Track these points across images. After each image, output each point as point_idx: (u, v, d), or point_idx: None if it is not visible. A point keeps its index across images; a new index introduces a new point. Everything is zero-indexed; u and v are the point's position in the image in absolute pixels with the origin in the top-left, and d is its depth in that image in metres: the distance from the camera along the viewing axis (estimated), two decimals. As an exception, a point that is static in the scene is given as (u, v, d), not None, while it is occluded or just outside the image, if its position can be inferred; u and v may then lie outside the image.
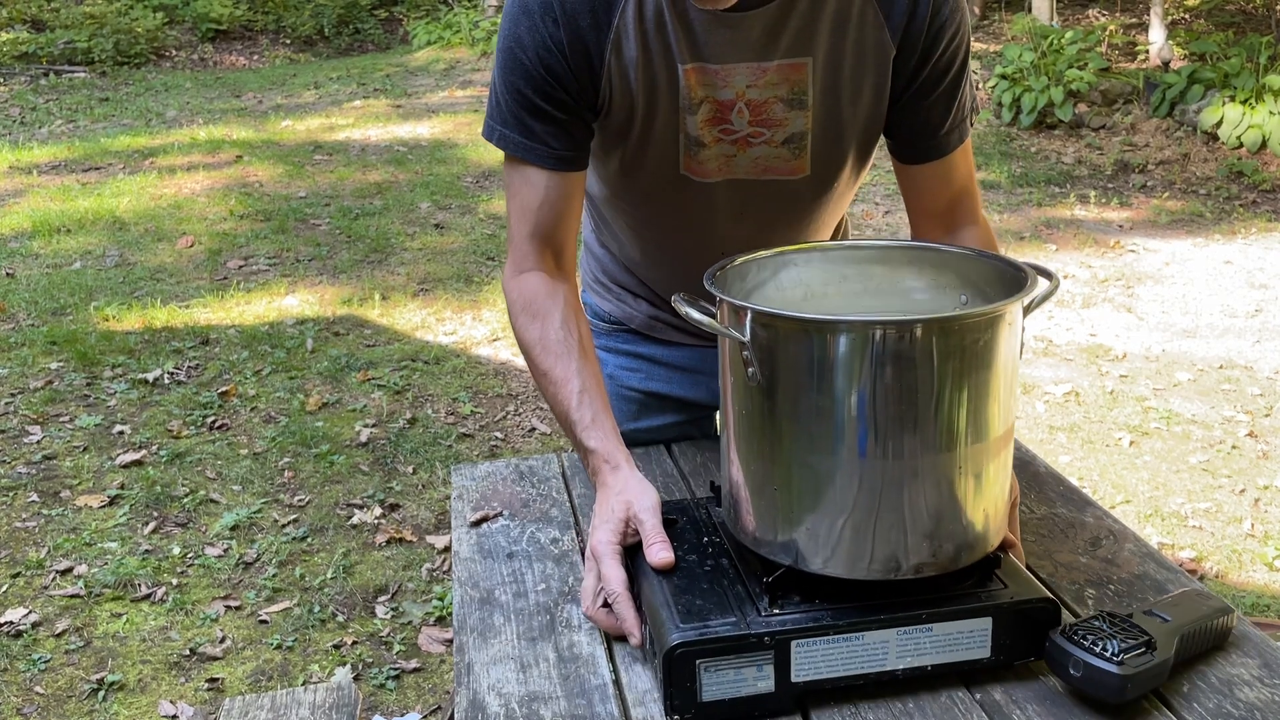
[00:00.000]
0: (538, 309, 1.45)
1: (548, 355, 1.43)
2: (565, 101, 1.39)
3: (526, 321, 1.46)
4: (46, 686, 2.69)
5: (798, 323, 1.10)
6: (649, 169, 1.47)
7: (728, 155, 1.45)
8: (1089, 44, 9.13)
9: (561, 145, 1.42)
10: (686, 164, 1.46)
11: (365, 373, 4.49)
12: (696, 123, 1.42)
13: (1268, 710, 1.09)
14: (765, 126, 1.44)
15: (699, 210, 1.52)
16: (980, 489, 1.13)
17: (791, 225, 1.56)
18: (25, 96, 11.06)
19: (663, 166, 1.46)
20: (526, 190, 1.45)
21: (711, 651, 1.08)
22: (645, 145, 1.45)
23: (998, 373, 1.11)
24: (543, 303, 1.45)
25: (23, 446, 3.89)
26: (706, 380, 1.78)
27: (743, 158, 1.46)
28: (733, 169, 1.47)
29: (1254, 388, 4.30)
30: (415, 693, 2.67)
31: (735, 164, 1.46)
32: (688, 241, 1.57)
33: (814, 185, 1.52)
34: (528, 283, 1.47)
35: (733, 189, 1.49)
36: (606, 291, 1.78)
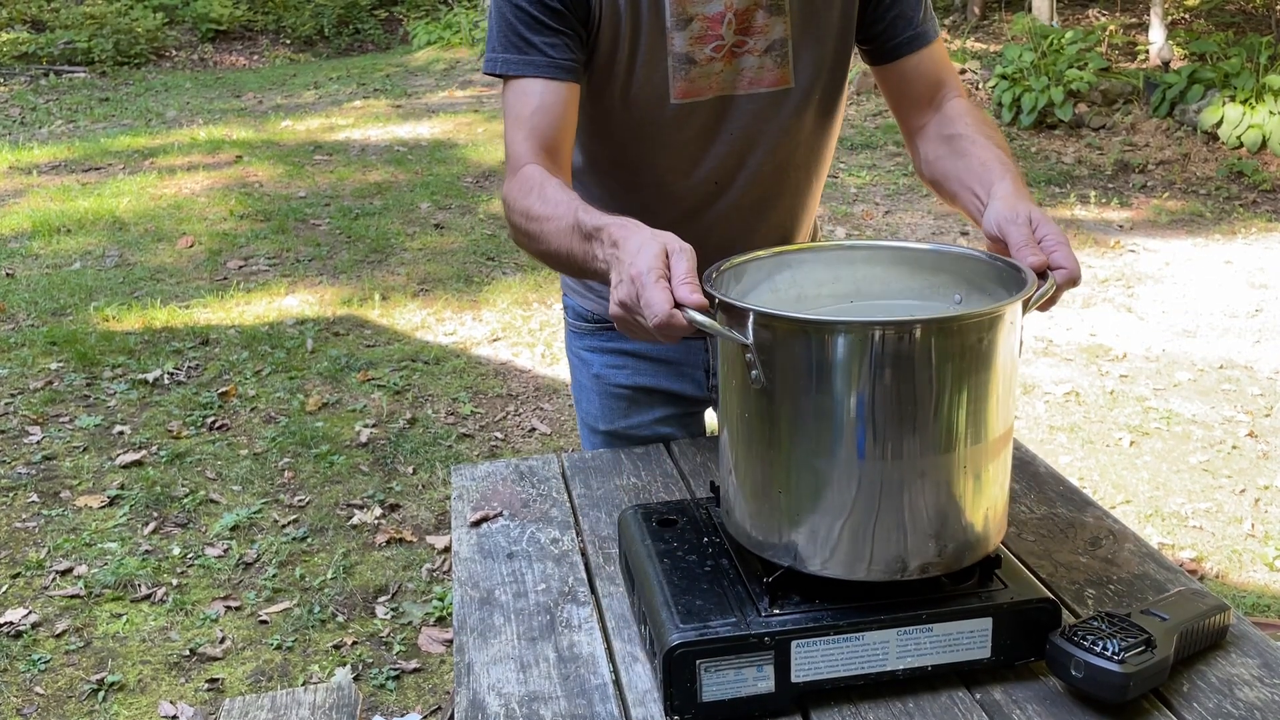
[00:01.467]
0: (533, 183, 1.41)
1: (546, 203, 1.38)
2: (559, 10, 1.43)
3: (522, 196, 1.41)
4: (46, 687, 2.69)
5: (803, 324, 1.10)
6: (640, 94, 1.48)
7: (716, 72, 1.50)
8: (1089, 44, 9.13)
9: (557, 54, 1.44)
10: (676, 85, 1.48)
11: (365, 373, 4.49)
12: (686, 40, 1.46)
13: (1268, 710, 1.09)
14: (748, 35, 1.49)
15: (688, 139, 1.53)
16: (981, 489, 1.13)
17: (780, 144, 1.58)
18: (25, 96, 11.07)
19: (653, 89, 1.48)
20: (523, 101, 1.46)
21: (712, 651, 1.08)
22: (633, 68, 1.47)
23: (999, 372, 1.11)
24: (539, 178, 1.41)
25: (23, 447, 3.89)
26: (691, 372, 1.79)
27: (729, 72, 1.50)
28: (721, 85, 1.50)
29: (1254, 388, 4.30)
30: (415, 693, 2.67)
31: (723, 80, 1.50)
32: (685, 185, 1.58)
33: (797, 97, 1.55)
34: (524, 171, 1.44)
35: (723, 110, 1.52)
36: (589, 290, 1.78)
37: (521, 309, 5.20)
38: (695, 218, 1.62)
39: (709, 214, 1.62)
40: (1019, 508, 1.52)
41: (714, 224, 1.63)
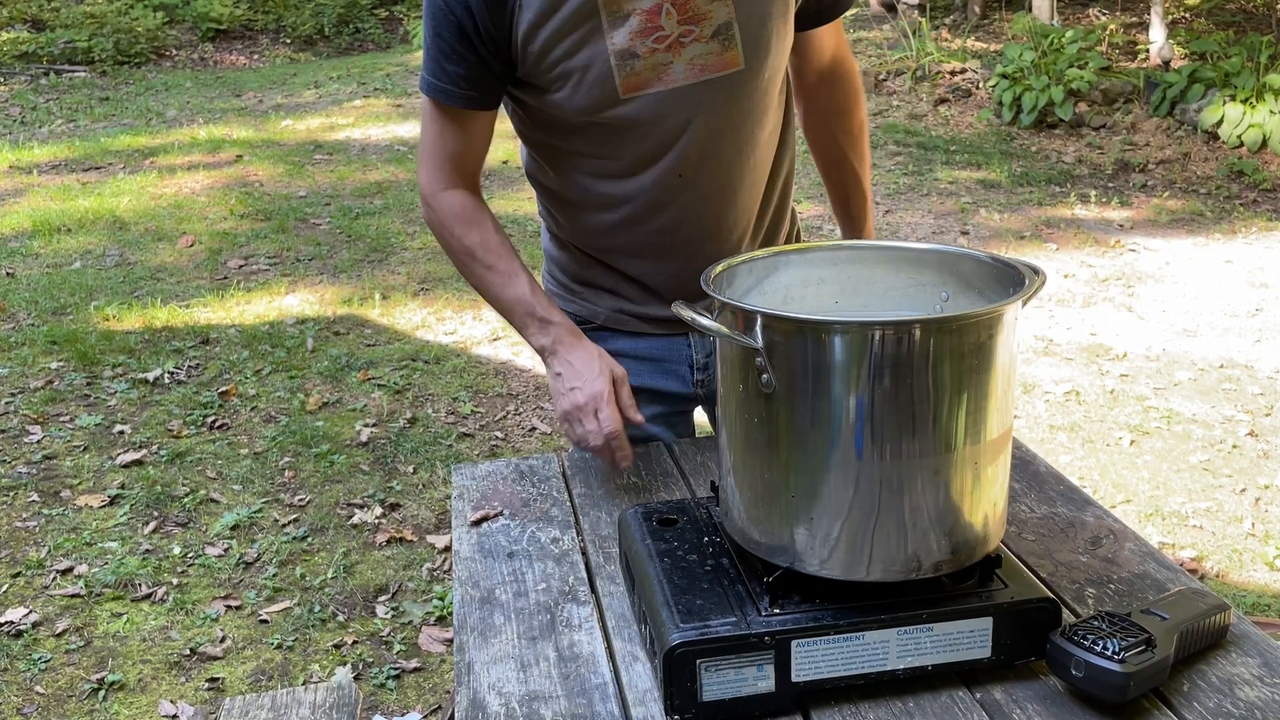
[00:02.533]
0: (471, 218, 1.62)
1: (490, 254, 1.62)
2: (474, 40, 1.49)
3: (463, 229, 1.62)
4: (47, 686, 2.69)
5: (809, 326, 1.10)
6: (589, 93, 1.51)
7: (663, 64, 1.50)
8: (1089, 43, 9.13)
9: (469, 87, 1.54)
10: (624, 82, 1.51)
11: (365, 372, 4.49)
12: (625, 35, 1.48)
13: (1268, 709, 1.09)
14: (693, 23, 1.50)
15: (651, 135, 1.56)
16: (981, 488, 1.13)
17: (738, 128, 1.59)
18: (25, 96, 11.06)
19: (602, 90, 1.51)
20: (442, 123, 1.60)
21: (712, 651, 1.08)
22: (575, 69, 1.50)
23: (999, 372, 1.11)
24: (475, 213, 1.62)
25: (23, 446, 3.89)
26: (676, 368, 1.80)
27: (678, 63, 1.51)
28: (671, 77, 1.51)
29: (1254, 387, 4.30)
30: (415, 692, 2.67)
31: (672, 71, 1.51)
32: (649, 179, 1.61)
33: (749, 77, 1.56)
34: (454, 197, 1.63)
35: (676, 100, 1.53)
36: (569, 294, 1.81)
37: (522, 308, 5.20)
38: (659, 211, 1.64)
39: (672, 207, 1.64)
40: (1019, 507, 1.52)
41: (681, 217, 1.65)
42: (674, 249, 1.67)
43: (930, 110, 9.06)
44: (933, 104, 9.14)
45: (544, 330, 1.60)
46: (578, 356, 1.57)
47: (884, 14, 11.84)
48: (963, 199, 6.94)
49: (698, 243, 1.66)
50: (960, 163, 7.79)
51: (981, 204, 6.85)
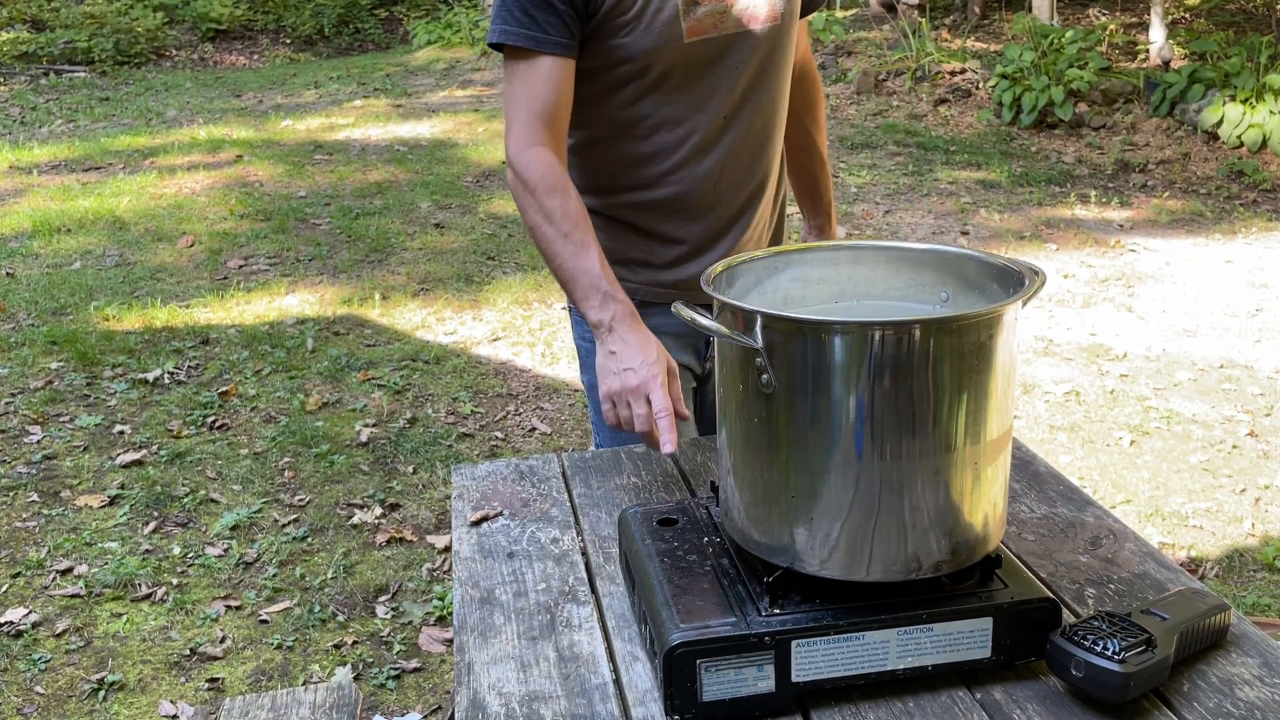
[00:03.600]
0: (555, 182, 1.63)
1: (567, 221, 1.62)
2: None
3: (546, 191, 1.62)
4: (47, 686, 2.69)
5: (809, 326, 1.10)
6: (659, 38, 1.64)
7: (720, 12, 1.67)
8: (1089, 43, 9.13)
9: (556, 32, 1.61)
10: (688, 26, 1.65)
11: (365, 372, 4.49)
12: None
13: (1268, 709, 1.09)
14: None
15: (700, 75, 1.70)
16: (981, 488, 1.13)
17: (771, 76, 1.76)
18: (25, 96, 11.06)
19: (671, 32, 1.64)
20: (532, 75, 1.63)
21: (712, 651, 1.08)
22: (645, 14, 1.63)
23: (999, 372, 1.11)
24: (560, 178, 1.63)
25: (23, 446, 3.89)
26: (694, 343, 1.88)
27: (731, 13, 1.68)
28: (725, 24, 1.68)
29: (1254, 387, 4.30)
30: (415, 693, 2.67)
31: (727, 20, 1.68)
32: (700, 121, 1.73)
33: (783, 30, 1.74)
34: (543, 157, 1.64)
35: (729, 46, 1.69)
36: None
37: (522, 308, 5.20)
38: (706, 153, 1.75)
39: (718, 148, 1.75)
40: (1019, 507, 1.52)
41: (724, 160, 1.77)
42: (716, 196, 1.78)
43: (930, 110, 9.06)
44: (933, 104, 9.14)
45: (605, 305, 1.59)
46: (636, 339, 1.57)
47: (884, 14, 11.84)
48: (963, 199, 6.94)
49: (736, 188, 1.80)
50: (960, 163, 7.79)
51: (981, 204, 6.85)
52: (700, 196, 1.77)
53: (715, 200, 1.78)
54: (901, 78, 9.55)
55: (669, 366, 1.55)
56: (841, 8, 12.62)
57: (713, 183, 1.76)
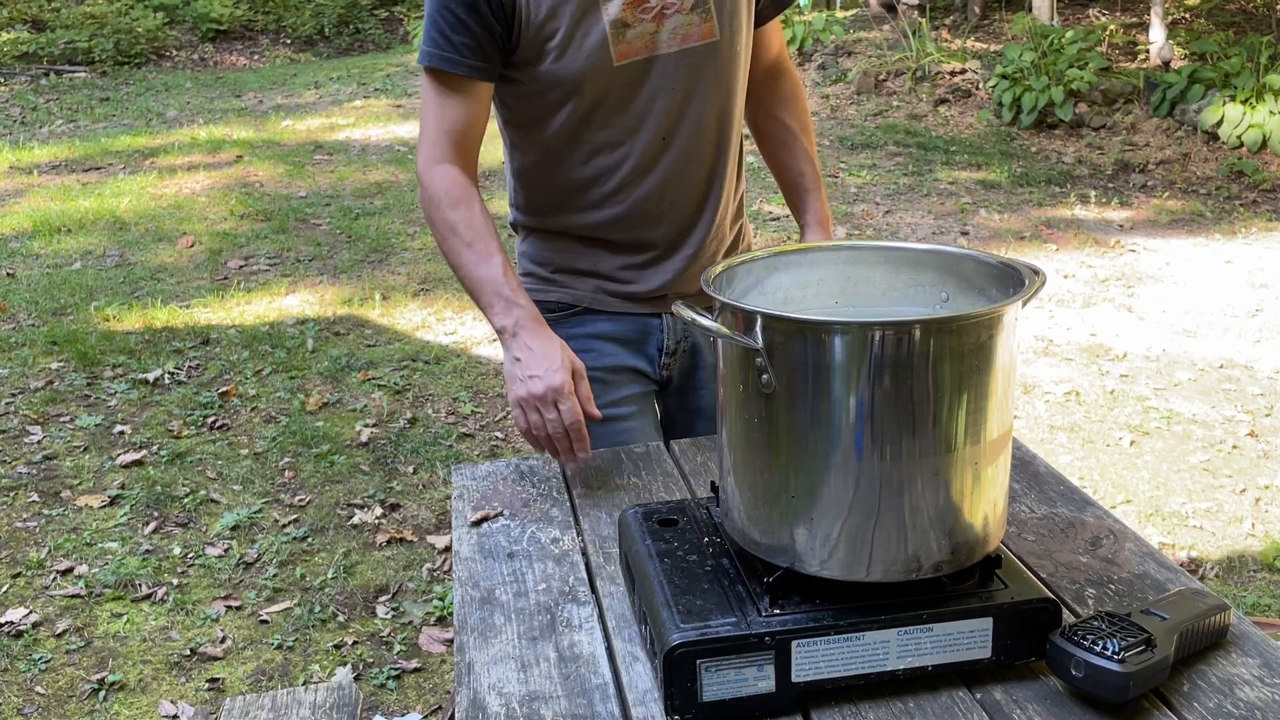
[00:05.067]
0: (460, 196, 1.68)
1: (470, 232, 1.66)
2: (481, 12, 1.59)
3: (450, 205, 1.67)
4: (47, 686, 2.69)
5: (809, 326, 1.10)
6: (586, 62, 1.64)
7: (650, 33, 1.65)
8: (1089, 44, 9.13)
9: (473, 56, 1.62)
10: (617, 50, 1.64)
11: (365, 373, 4.49)
12: (619, 6, 1.62)
13: (1268, 709, 1.10)
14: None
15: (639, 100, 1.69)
16: (981, 488, 1.13)
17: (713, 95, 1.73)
18: (26, 96, 11.06)
19: (599, 57, 1.64)
20: (445, 95, 1.67)
21: (712, 651, 1.09)
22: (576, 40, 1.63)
23: (1004, 371, 1.11)
24: (464, 192, 1.68)
25: (23, 446, 3.89)
26: (647, 349, 1.87)
27: (663, 32, 1.65)
28: (655, 44, 1.66)
29: (1254, 387, 4.30)
30: (416, 693, 2.67)
31: (658, 39, 1.65)
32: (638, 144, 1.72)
33: (723, 48, 1.71)
34: (447, 173, 1.69)
35: (661, 67, 1.67)
36: (549, 284, 1.87)
37: (522, 309, 5.20)
38: (646, 175, 1.74)
39: (657, 170, 1.74)
40: (1019, 508, 1.52)
41: (665, 180, 1.75)
42: (659, 215, 1.78)
43: (930, 110, 9.06)
44: (933, 104, 9.14)
45: (508, 311, 1.63)
46: (539, 344, 1.60)
47: (884, 14, 11.84)
48: (963, 199, 6.94)
49: (680, 207, 1.78)
50: (960, 163, 7.79)
51: (981, 204, 6.85)
52: (643, 217, 1.76)
53: (658, 219, 1.77)
54: (901, 78, 9.55)
55: (575, 368, 1.59)
56: (841, 8, 12.62)
57: (654, 203, 1.75)
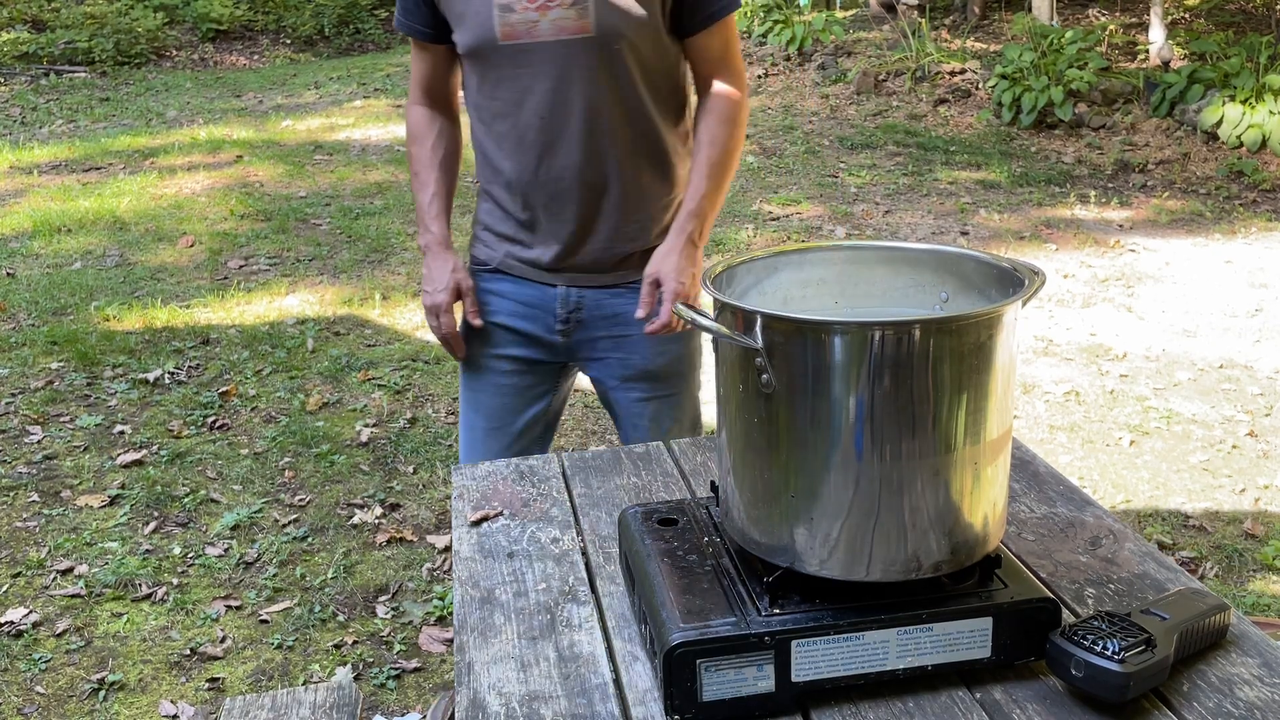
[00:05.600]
0: (417, 133, 2.06)
1: (418, 163, 2.06)
2: None
3: (411, 142, 2.07)
4: (47, 686, 2.69)
5: (809, 326, 1.10)
6: (475, 37, 1.86)
7: (533, 20, 1.82)
8: (1089, 44, 9.13)
9: (422, 21, 1.94)
10: (502, 30, 1.83)
11: (366, 372, 4.49)
12: None
13: (1268, 709, 1.10)
14: None
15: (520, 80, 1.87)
16: (980, 488, 1.13)
17: (589, 88, 1.85)
18: (26, 96, 11.07)
19: (485, 34, 1.84)
20: (413, 53, 2.04)
21: (712, 651, 1.09)
22: (470, 15, 1.84)
23: (1004, 371, 1.11)
24: (422, 129, 2.05)
25: (23, 446, 3.89)
26: (544, 316, 2.04)
27: (544, 22, 1.82)
28: (538, 32, 1.82)
29: (1254, 387, 4.30)
30: (416, 692, 2.67)
31: (540, 28, 1.82)
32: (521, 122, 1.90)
33: (599, 46, 1.83)
34: (414, 113, 2.07)
35: (540, 53, 1.84)
36: (477, 241, 2.11)
37: (522, 309, 5.20)
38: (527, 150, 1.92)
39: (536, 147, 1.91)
40: (1019, 507, 1.52)
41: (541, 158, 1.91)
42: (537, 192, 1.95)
43: (930, 110, 9.06)
44: (932, 104, 9.14)
45: (423, 234, 2.05)
46: (437, 266, 2.02)
47: (884, 14, 11.84)
48: (962, 199, 6.95)
49: (557, 189, 1.94)
50: (960, 163, 7.79)
51: (981, 204, 6.86)
52: (525, 188, 1.95)
53: (537, 195, 1.95)
54: (901, 78, 9.55)
55: (461, 287, 2.01)
56: (841, 8, 12.63)
57: (532, 176, 1.93)
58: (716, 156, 1.93)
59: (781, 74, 10.26)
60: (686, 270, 1.90)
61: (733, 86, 1.95)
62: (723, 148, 1.93)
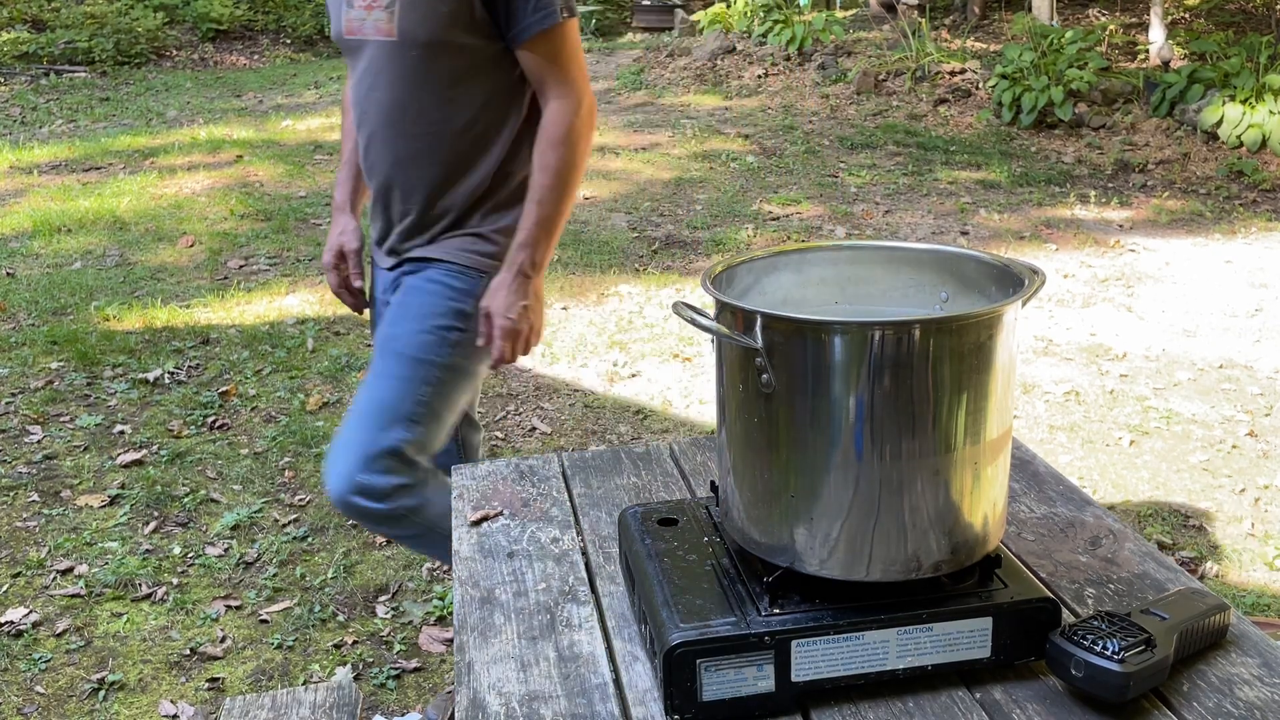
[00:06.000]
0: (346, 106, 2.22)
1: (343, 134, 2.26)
2: None
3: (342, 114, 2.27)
4: (47, 686, 2.69)
5: (809, 326, 1.10)
6: (332, 24, 2.03)
7: (363, 18, 1.94)
8: (1089, 44, 9.13)
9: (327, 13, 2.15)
10: (345, 24, 1.98)
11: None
12: None
13: (1267, 709, 1.10)
14: None
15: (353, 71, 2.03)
16: (980, 488, 1.13)
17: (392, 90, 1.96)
18: (26, 96, 11.07)
19: (336, 23, 2.01)
20: None
21: (712, 651, 1.09)
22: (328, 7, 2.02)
23: (1004, 371, 1.11)
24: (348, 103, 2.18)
25: (23, 446, 3.89)
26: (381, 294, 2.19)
27: (369, 21, 1.93)
28: (363, 28, 1.94)
29: (1254, 387, 4.30)
30: (416, 692, 2.67)
31: (367, 26, 1.94)
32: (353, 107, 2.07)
33: (399, 51, 1.92)
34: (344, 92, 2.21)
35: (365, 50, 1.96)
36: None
37: (522, 308, 5.20)
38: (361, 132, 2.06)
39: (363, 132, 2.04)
40: (1019, 507, 1.52)
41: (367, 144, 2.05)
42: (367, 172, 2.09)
43: (930, 110, 9.06)
44: (932, 104, 9.14)
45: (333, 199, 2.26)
46: (332, 227, 2.22)
47: (884, 14, 11.84)
48: (963, 199, 6.95)
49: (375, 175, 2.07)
50: (960, 163, 7.79)
51: (981, 204, 6.86)
52: (366, 173, 2.10)
53: (369, 174, 2.09)
54: (901, 78, 9.55)
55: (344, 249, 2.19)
56: (841, 8, 12.63)
57: (364, 162, 2.09)
58: (545, 182, 1.94)
59: (781, 74, 10.27)
60: (515, 305, 1.94)
61: (563, 104, 1.94)
62: (552, 172, 1.93)
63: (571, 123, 1.93)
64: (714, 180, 7.34)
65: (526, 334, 2.00)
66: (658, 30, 13.97)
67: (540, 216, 1.94)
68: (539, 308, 2.01)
